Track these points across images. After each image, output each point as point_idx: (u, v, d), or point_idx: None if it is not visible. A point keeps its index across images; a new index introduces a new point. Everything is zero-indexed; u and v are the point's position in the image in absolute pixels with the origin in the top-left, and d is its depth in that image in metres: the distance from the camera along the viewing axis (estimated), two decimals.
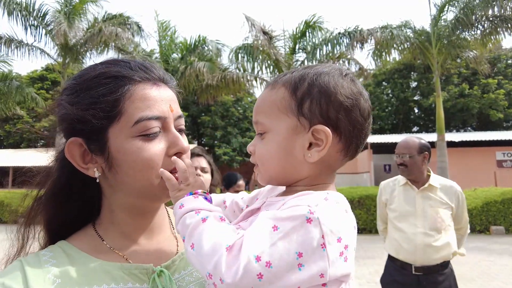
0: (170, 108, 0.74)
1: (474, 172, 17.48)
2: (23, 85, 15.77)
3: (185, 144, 0.74)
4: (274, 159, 0.70)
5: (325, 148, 0.66)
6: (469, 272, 6.90)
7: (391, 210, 3.02)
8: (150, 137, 0.69)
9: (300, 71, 0.72)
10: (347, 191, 12.06)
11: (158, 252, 0.77)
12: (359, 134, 0.70)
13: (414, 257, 2.80)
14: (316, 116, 0.67)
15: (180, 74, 14.22)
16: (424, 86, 31.08)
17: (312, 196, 0.62)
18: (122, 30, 13.34)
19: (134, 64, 0.74)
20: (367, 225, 11.19)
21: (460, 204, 2.93)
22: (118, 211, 0.76)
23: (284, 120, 0.69)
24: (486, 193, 11.44)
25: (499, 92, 28.32)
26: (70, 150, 0.71)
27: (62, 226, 0.78)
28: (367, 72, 15.53)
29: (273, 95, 0.71)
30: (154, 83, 0.73)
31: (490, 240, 10.03)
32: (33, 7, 13.56)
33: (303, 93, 0.68)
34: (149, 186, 0.70)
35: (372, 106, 0.77)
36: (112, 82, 0.70)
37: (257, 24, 13.37)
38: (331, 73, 0.70)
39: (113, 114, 0.68)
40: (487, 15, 11.91)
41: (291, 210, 0.59)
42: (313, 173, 0.70)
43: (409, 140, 2.93)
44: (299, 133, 0.68)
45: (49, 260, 0.69)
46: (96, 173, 0.72)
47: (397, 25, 13.07)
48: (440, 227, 2.82)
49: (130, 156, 0.68)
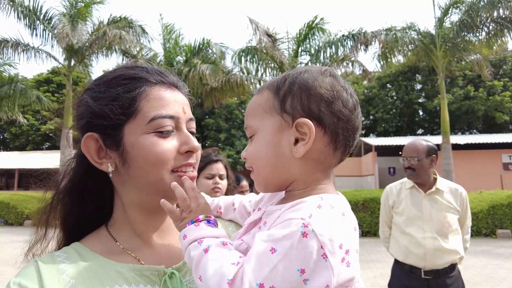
0: (183, 110, 0.78)
1: (479, 175, 17.35)
2: (27, 88, 15.93)
3: (196, 144, 0.77)
4: (263, 158, 0.70)
5: (310, 141, 0.66)
6: (475, 276, 6.83)
7: (398, 213, 2.99)
8: (164, 134, 0.73)
9: (283, 74, 0.74)
10: (352, 194, 12.01)
11: (170, 253, 0.79)
12: (346, 126, 0.68)
13: (423, 261, 2.78)
14: (298, 111, 0.67)
15: (184, 76, 14.27)
16: (429, 89, 30.95)
17: (305, 205, 0.61)
18: (126, 33, 13.43)
19: (150, 69, 0.79)
20: (372, 228, 11.13)
21: (464, 208, 2.93)
22: (130, 209, 0.78)
23: (269, 119, 0.70)
24: (492, 196, 11.33)
25: (505, 94, 28.12)
26: (87, 144, 0.75)
27: (77, 227, 0.81)
28: (371, 75, 15.50)
29: (259, 98, 0.73)
30: (169, 87, 0.78)
31: (496, 243, 9.93)
32: (40, 11, 13.72)
33: (285, 91, 0.70)
34: (160, 181, 0.73)
35: (377, 109, 0.76)
36: (130, 83, 0.75)
37: (261, 27, 13.41)
38: (310, 70, 0.71)
39: (130, 111, 0.73)
40: (492, 17, 11.84)
41: (285, 226, 0.58)
42: (305, 171, 0.69)
43: (417, 143, 2.89)
44: (284, 130, 0.68)
45: (63, 261, 0.71)
46: (110, 167, 0.75)
47: (401, 27, 13.04)
48: (447, 232, 2.81)
49: (144, 151, 0.72)
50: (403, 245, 2.90)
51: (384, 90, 32.35)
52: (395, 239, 3.01)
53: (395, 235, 3.01)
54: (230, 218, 0.92)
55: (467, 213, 2.94)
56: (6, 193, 17.11)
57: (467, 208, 2.94)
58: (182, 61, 15.53)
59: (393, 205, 3.04)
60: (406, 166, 2.89)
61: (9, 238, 10.60)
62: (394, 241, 3.01)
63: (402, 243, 2.90)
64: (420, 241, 2.80)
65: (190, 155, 0.77)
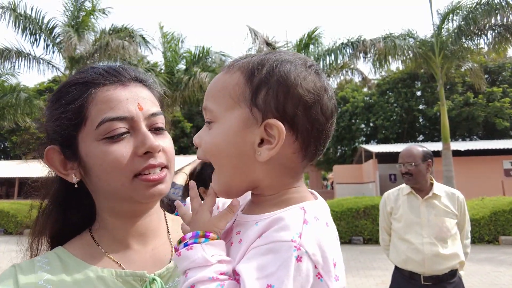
0: (139, 106, 0.71)
1: (481, 181, 17.29)
2: (31, 97, 16.03)
3: (154, 143, 0.69)
4: (223, 156, 0.61)
5: (277, 147, 0.57)
6: (478, 284, 6.76)
7: (396, 219, 3.01)
8: (115, 139, 0.68)
9: (260, 55, 0.63)
10: (353, 201, 11.94)
11: (153, 258, 0.76)
12: (319, 135, 0.61)
13: (423, 268, 2.78)
14: (271, 109, 0.58)
15: (184, 85, 14.36)
16: (429, 95, 31.03)
17: (290, 221, 0.54)
18: (129, 43, 13.57)
19: (100, 69, 0.74)
20: (373, 236, 11.05)
21: (462, 212, 2.93)
22: (107, 216, 0.76)
23: (235, 109, 0.60)
24: (494, 202, 11.26)
25: (504, 100, 28.16)
26: (50, 158, 0.74)
27: (63, 233, 0.80)
28: (370, 82, 15.56)
29: (227, 79, 0.63)
30: (122, 84, 0.73)
31: (499, 250, 9.84)
32: (42, 21, 13.88)
33: (260, 80, 0.59)
34: (121, 188, 0.69)
35: (377, 116, 0.72)
36: (76, 89, 0.72)
37: (260, 36, 13.53)
38: (294, 61, 0.61)
39: (78, 120, 0.70)
40: (490, 24, 11.94)
41: (275, 252, 0.51)
42: (271, 175, 0.61)
43: (412, 149, 2.95)
44: (250, 127, 0.59)
45: (43, 266, 0.70)
46: (74, 178, 0.73)
47: (399, 34, 13.14)
48: (445, 237, 2.81)
49: (97, 160, 0.69)
50: (402, 251, 2.90)
51: (384, 97, 32.42)
52: (394, 245, 3.01)
53: (394, 242, 3.02)
54: None
55: (466, 217, 2.95)
56: (6, 202, 17.06)
57: (465, 212, 2.95)
58: (182, 69, 15.64)
59: (391, 211, 3.06)
60: (403, 172, 2.93)
61: (9, 248, 10.54)
62: (394, 248, 3.02)
63: (401, 249, 2.90)
64: (419, 247, 2.80)
65: (150, 156, 0.70)
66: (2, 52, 13.75)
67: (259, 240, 0.54)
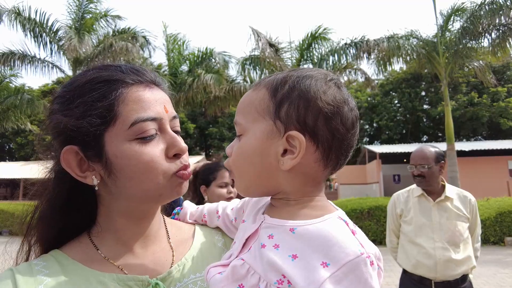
0: (165, 108, 0.73)
1: (486, 182, 17.17)
2: (34, 98, 16.13)
3: (183, 145, 0.73)
4: (248, 165, 0.66)
5: (298, 156, 0.61)
6: (484, 285, 6.70)
7: (406, 222, 2.91)
8: (147, 140, 0.68)
9: (284, 73, 0.68)
10: (357, 202, 11.90)
11: (154, 262, 0.75)
12: (340, 145, 0.64)
13: (434, 273, 2.70)
14: (292, 121, 0.62)
15: (188, 86, 14.39)
16: (432, 95, 30.90)
17: (341, 236, 0.57)
18: (132, 45, 13.62)
19: (125, 68, 0.73)
20: (377, 237, 10.99)
21: (474, 215, 2.86)
22: (117, 217, 0.74)
23: (260, 122, 0.65)
24: (500, 203, 11.17)
25: (509, 100, 27.99)
26: (66, 159, 0.69)
27: (57, 237, 0.77)
28: (374, 83, 15.50)
29: (254, 95, 0.68)
30: (147, 85, 0.73)
31: (505, 251, 9.75)
32: (46, 23, 13.98)
33: (283, 95, 0.64)
34: (154, 187, 0.69)
35: (380, 116, 0.74)
36: (104, 87, 0.69)
37: (263, 37, 13.53)
38: (315, 76, 0.65)
39: (108, 118, 0.67)
40: (494, 24, 11.86)
41: (354, 270, 0.54)
42: (294, 183, 0.65)
43: (426, 150, 2.84)
44: (274, 138, 0.63)
45: (41, 270, 0.68)
46: (95, 180, 0.70)
47: (403, 35, 13.09)
48: (458, 241, 2.73)
49: (130, 161, 0.67)
50: (412, 255, 2.81)
51: (387, 98, 32.34)
52: (403, 248, 2.92)
53: (403, 245, 2.93)
54: (216, 226, 0.88)
55: (477, 220, 2.87)
56: (11, 203, 17.16)
57: (477, 215, 2.87)
58: (185, 71, 15.69)
59: (401, 213, 2.96)
60: (416, 174, 2.82)
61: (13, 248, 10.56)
62: (403, 251, 2.92)
63: (411, 253, 2.82)
64: (430, 252, 2.71)
65: (179, 157, 0.72)
66: (7, 55, 13.85)
67: (328, 269, 0.54)
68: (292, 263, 0.55)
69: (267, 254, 0.58)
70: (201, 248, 0.81)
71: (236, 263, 0.61)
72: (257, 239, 0.63)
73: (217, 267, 0.64)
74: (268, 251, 0.58)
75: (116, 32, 14.83)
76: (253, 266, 0.59)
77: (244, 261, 0.61)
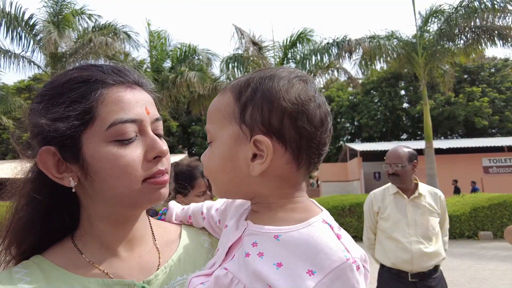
0: (146, 110, 0.70)
1: (461, 179, 17.78)
2: (7, 95, 15.53)
3: (164, 148, 0.70)
4: (219, 171, 0.64)
5: (267, 161, 0.59)
6: (459, 278, 6.96)
7: (383, 219, 3.06)
8: (126, 142, 0.66)
9: (248, 75, 0.66)
10: (338, 199, 12.09)
11: (140, 266, 0.73)
12: (309, 144, 0.61)
13: (411, 265, 2.86)
14: (258, 124, 0.60)
15: (171, 84, 14.21)
16: (412, 95, 31.69)
17: (327, 241, 0.55)
18: (113, 39, 13.31)
19: (106, 68, 0.71)
20: (358, 233, 11.21)
21: (443, 210, 3.06)
22: (97, 221, 0.72)
23: (227, 127, 0.63)
24: (474, 199, 11.61)
25: (483, 100, 29.04)
26: (43, 159, 0.67)
27: (39, 241, 0.73)
28: (356, 82, 15.76)
29: (221, 100, 0.66)
30: (129, 86, 0.71)
31: (479, 245, 10.15)
32: (22, 17, 13.47)
33: (246, 98, 0.62)
34: (128, 193, 0.67)
35: (361, 115, 0.73)
36: (84, 87, 0.67)
37: (247, 35, 13.53)
38: (278, 75, 0.63)
39: (86, 119, 0.65)
40: (470, 26, 12.28)
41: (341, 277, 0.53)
42: (269, 187, 0.62)
43: (399, 150, 3.02)
44: (241, 143, 0.61)
45: (22, 278, 0.65)
46: (72, 182, 0.68)
47: (384, 35, 13.36)
48: (431, 235, 2.91)
49: (107, 163, 0.65)
50: (390, 250, 2.96)
51: (368, 97, 32.92)
52: (381, 244, 3.07)
53: (381, 241, 3.07)
54: (202, 226, 0.86)
55: (446, 215, 3.09)
56: None
57: (445, 210, 3.08)
58: (168, 67, 15.48)
59: (378, 211, 3.11)
60: (390, 172, 2.99)
61: None
62: (380, 247, 3.07)
63: (389, 248, 2.97)
64: (407, 246, 2.88)
65: (159, 161, 0.70)
66: None
67: (314, 277, 0.53)
68: (277, 272, 0.54)
69: (251, 263, 0.56)
70: (187, 249, 0.80)
71: (219, 273, 0.59)
72: (241, 247, 0.61)
73: (199, 277, 0.62)
74: (253, 260, 0.57)
75: (96, 27, 14.44)
76: (237, 276, 0.57)
77: (227, 270, 0.59)
